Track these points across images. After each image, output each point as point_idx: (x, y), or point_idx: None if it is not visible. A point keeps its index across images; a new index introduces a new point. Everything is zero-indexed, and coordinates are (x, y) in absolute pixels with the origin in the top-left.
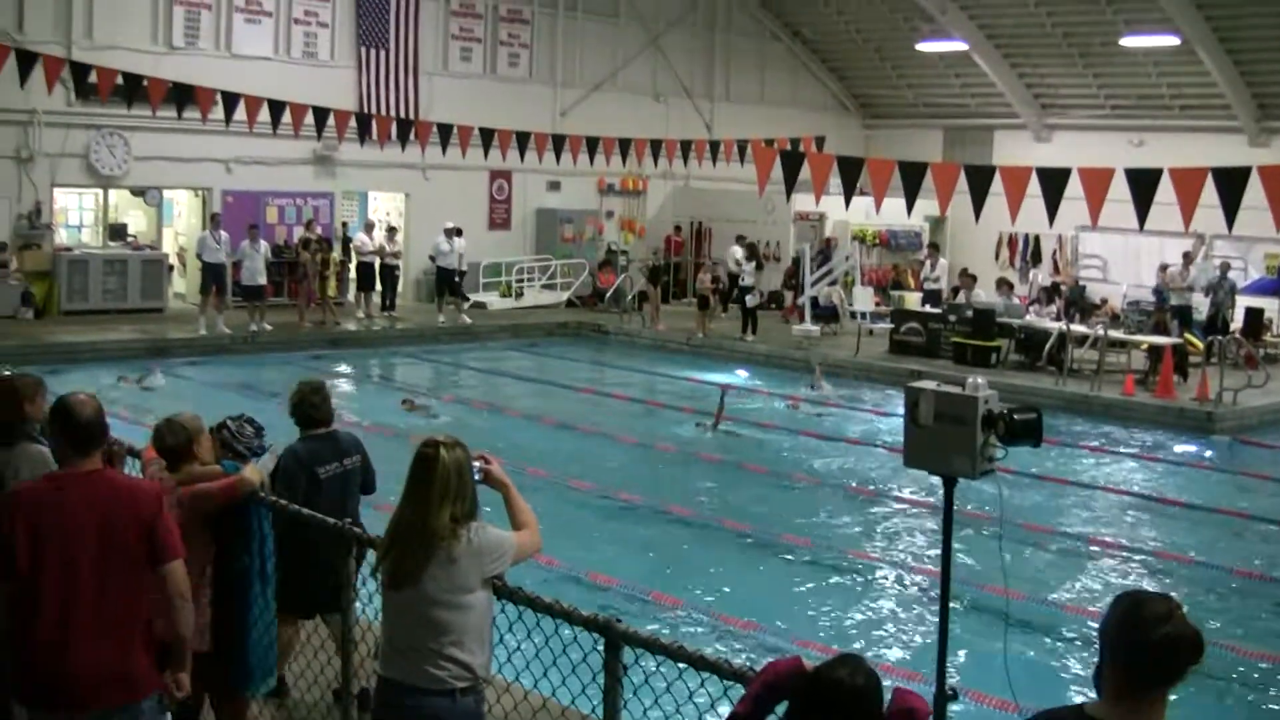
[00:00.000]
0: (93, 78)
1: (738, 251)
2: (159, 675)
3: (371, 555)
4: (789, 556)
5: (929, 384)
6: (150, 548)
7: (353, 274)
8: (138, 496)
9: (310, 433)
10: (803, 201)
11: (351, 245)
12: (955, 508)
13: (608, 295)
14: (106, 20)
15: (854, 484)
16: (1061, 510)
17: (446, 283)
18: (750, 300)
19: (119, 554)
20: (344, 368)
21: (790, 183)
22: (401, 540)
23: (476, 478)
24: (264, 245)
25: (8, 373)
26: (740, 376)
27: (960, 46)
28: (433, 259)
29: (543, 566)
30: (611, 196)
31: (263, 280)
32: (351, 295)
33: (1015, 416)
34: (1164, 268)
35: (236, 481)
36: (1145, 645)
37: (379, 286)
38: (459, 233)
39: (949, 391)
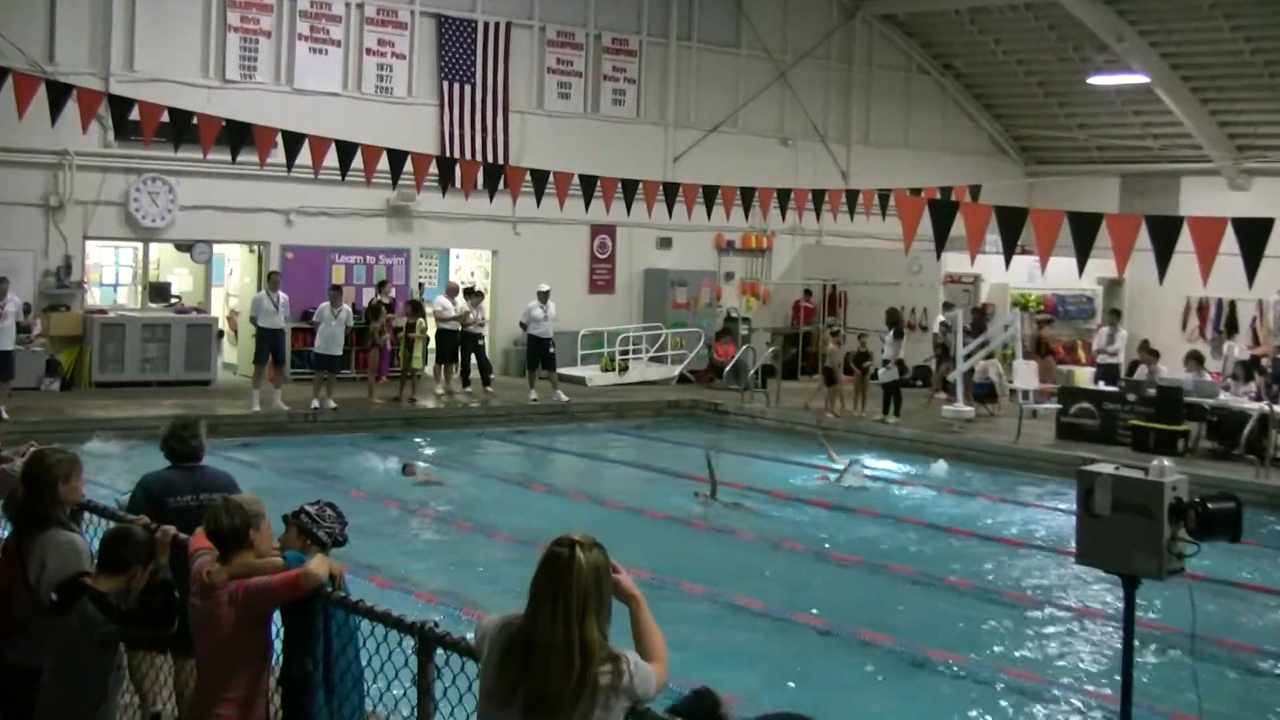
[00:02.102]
0: (134, 114)
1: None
2: None
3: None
4: (939, 672)
5: (1107, 467)
6: None
7: (431, 344)
8: None
9: (175, 465)
10: (955, 261)
11: (430, 310)
12: (1136, 616)
13: (726, 370)
14: (150, 49)
15: (1013, 589)
16: (1268, 627)
17: (539, 354)
18: (884, 375)
19: None
20: (421, 450)
21: (940, 239)
22: (543, 659)
23: None
24: (346, 310)
25: (37, 448)
26: (856, 467)
27: (1140, 80)
28: (524, 326)
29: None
30: (731, 255)
31: (339, 350)
32: (430, 368)
33: (1209, 506)
34: None
35: (300, 575)
36: None
37: (463, 358)
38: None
39: (1130, 476)
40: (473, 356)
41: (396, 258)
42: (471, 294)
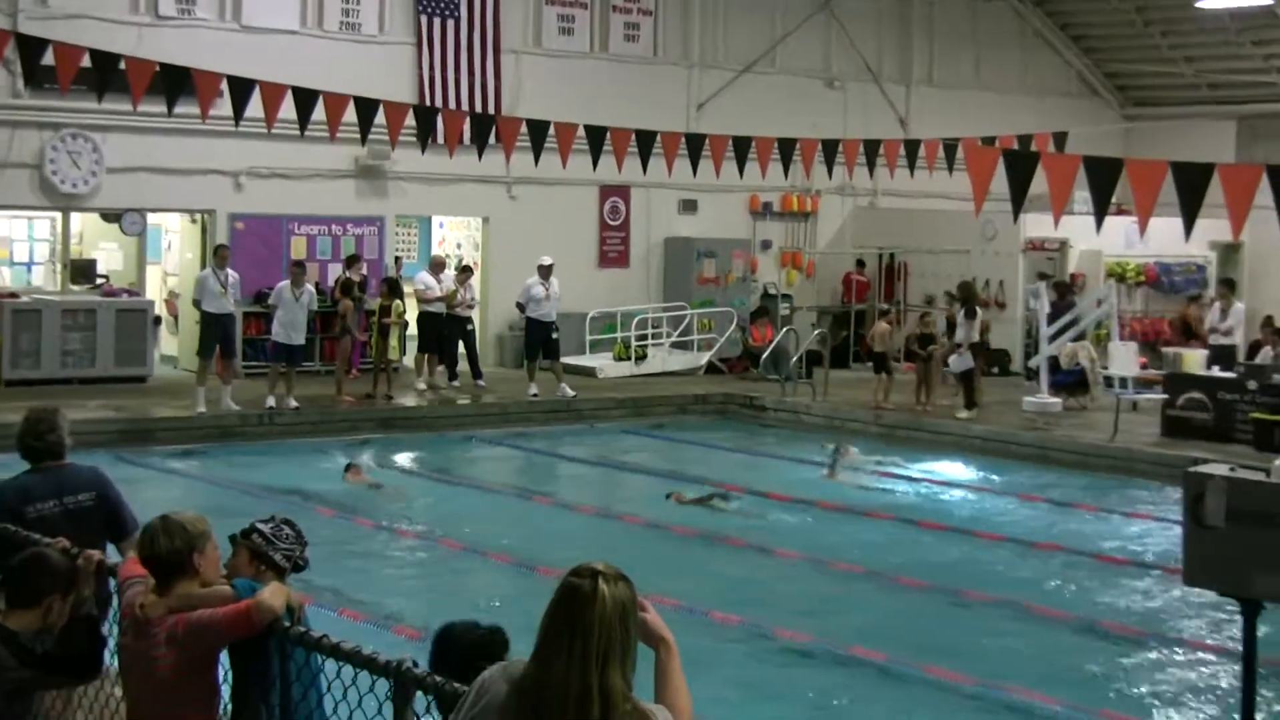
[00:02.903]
0: (49, 58)
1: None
2: None
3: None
4: (1021, 713)
5: (1220, 469)
6: None
7: (411, 330)
8: None
9: (34, 467)
10: (1036, 224)
11: (409, 290)
12: (1259, 649)
13: (764, 357)
14: None
15: (1110, 616)
16: None
17: (541, 340)
18: (956, 363)
19: None
20: (397, 460)
21: (1019, 197)
22: (556, 712)
23: None
24: (310, 290)
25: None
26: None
27: (1261, 2)
28: (521, 308)
29: None
30: (768, 220)
31: (301, 339)
32: (409, 359)
33: None
34: None
35: (251, 607)
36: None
37: (450, 347)
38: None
39: (1249, 479)
40: (460, 344)
41: (368, 227)
42: (459, 270)
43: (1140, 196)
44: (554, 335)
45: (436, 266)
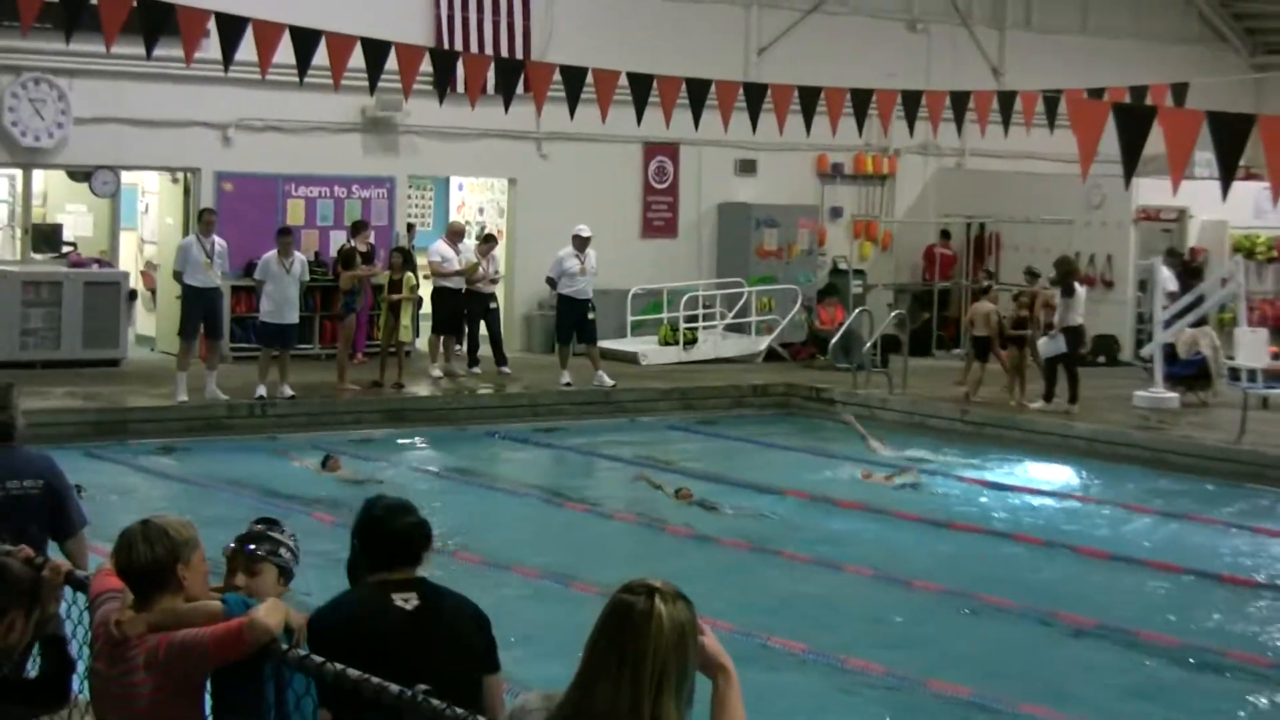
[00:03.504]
0: None
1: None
2: None
3: None
4: None
5: None
6: None
7: (425, 308)
8: None
9: None
10: (1151, 190)
11: (423, 262)
12: None
13: (833, 343)
14: None
15: (1243, 647)
16: None
17: (575, 322)
18: (1046, 347)
19: None
20: (408, 458)
21: (1131, 159)
22: None
23: None
24: (301, 261)
25: None
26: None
27: None
28: (553, 284)
29: None
30: (839, 184)
31: (294, 317)
32: (423, 341)
33: None
34: None
35: (242, 626)
36: (388, 536)
37: (470, 328)
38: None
39: None
40: (482, 325)
41: (376, 189)
42: (481, 239)
43: (1273, 158)
44: (590, 316)
45: (454, 235)
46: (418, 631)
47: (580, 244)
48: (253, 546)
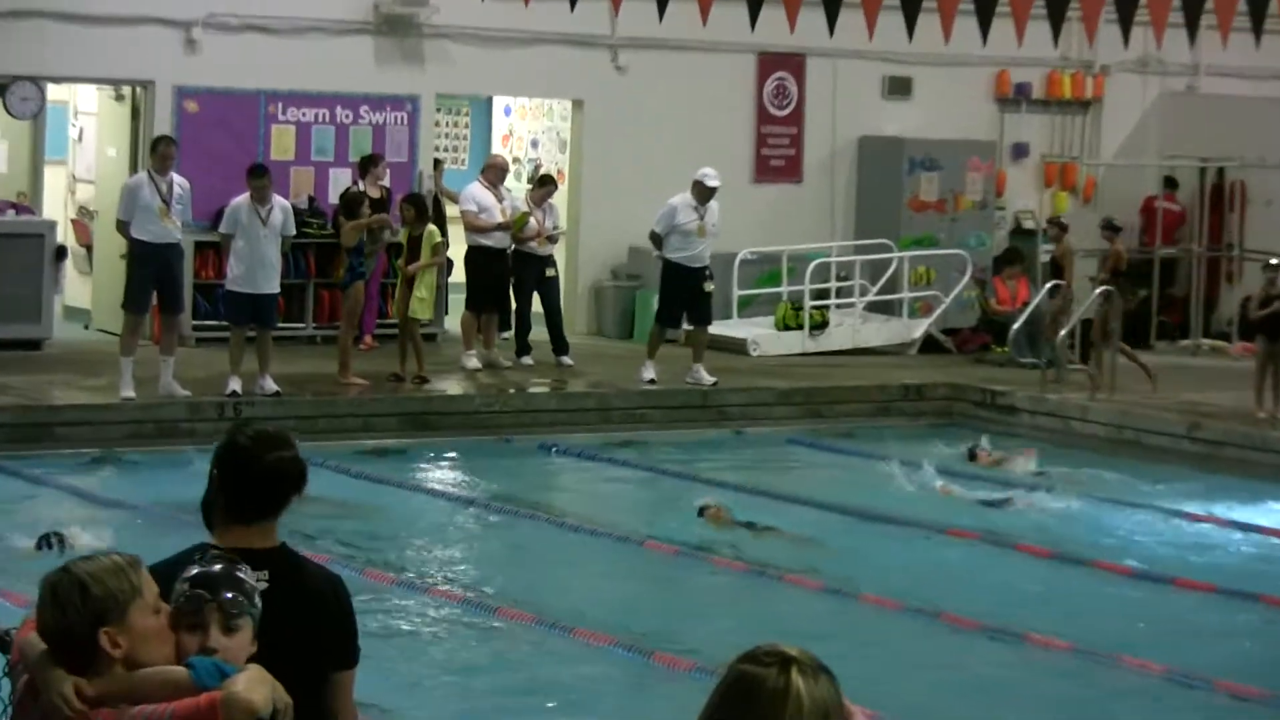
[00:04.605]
0: None
1: None
2: None
3: None
4: None
5: None
6: None
7: (456, 274)
8: None
9: None
10: None
11: (455, 213)
12: None
13: (1014, 329)
14: None
15: None
16: None
17: (686, 296)
18: None
19: None
20: (433, 476)
21: None
22: None
23: None
24: (282, 209)
25: None
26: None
27: None
28: (658, 242)
29: None
30: (1024, 113)
31: (273, 285)
32: (454, 321)
33: None
34: None
35: (216, 703)
36: (253, 474)
37: (519, 303)
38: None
39: None
40: (535, 300)
41: (393, 112)
42: (535, 182)
43: None
44: (707, 288)
45: (496, 175)
46: (261, 622)
47: (703, 194)
48: (231, 595)
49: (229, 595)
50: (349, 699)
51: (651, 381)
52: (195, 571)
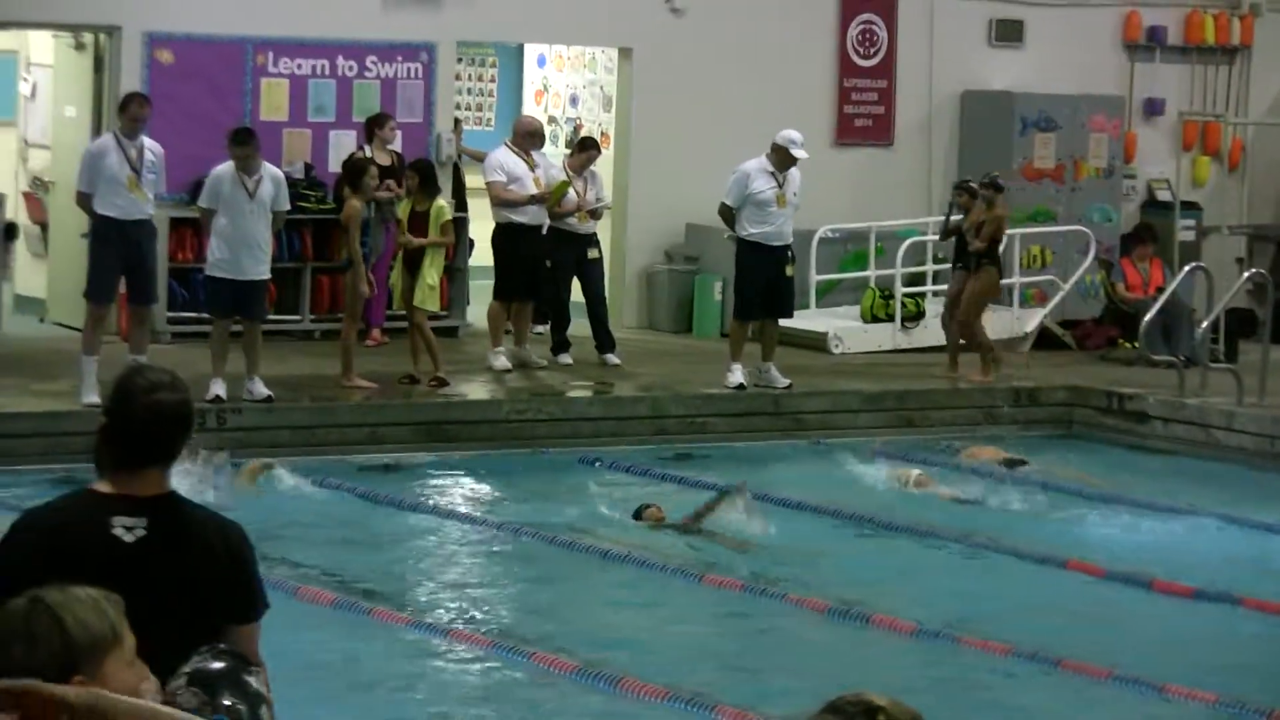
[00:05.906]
0: None
1: None
2: None
3: None
4: None
5: None
6: None
7: (479, 255)
8: None
9: None
10: None
11: (476, 185)
12: None
13: (1146, 320)
14: None
15: None
16: None
17: (765, 282)
18: None
19: None
20: (454, 494)
21: None
22: None
23: None
24: (272, 180)
25: None
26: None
27: None
28: (729, 217)
29: None
30: (1156, 63)
31: (261, 270)
32: (478, 312)
33: None
34: None
35: None
36: (133, 416)
37: (556, 291)
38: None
39: None
40: (576, 287)
41: (406, 63)
42: (575, 146)
43: None
44: (788, 271)
45: (528, 138)
46: (133, 573)
47: (783, 160)
48: (229, 702)
49: (228, 704)
50: (253, 653)
51: (739, 387)
52: (195, 667)
